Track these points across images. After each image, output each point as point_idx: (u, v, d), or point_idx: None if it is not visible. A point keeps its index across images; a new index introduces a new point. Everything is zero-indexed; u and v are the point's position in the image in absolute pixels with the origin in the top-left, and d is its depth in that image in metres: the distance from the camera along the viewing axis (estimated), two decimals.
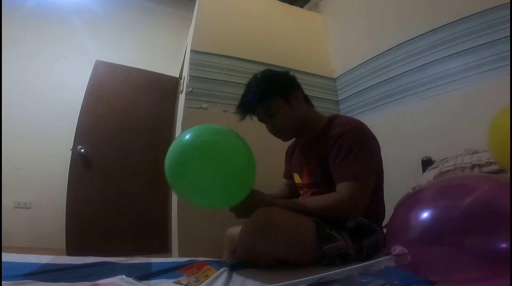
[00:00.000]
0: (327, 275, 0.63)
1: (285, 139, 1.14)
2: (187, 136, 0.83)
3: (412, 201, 0.67)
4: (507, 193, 0.55)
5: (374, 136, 1.03)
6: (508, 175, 0.81)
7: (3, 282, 0.62)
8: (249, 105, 1.06)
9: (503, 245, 0.49)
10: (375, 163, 0.97)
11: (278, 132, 1.09)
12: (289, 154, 1.30)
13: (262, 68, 1.11)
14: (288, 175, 1.31)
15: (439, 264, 0.54)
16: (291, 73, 1.13)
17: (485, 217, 0.52)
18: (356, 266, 0.63)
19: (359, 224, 0.92)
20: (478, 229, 0.52)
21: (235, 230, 1.09)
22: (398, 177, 1.15)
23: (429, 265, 0.56)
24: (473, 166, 1.09)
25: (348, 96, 2.16)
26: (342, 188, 0.91)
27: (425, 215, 0.58)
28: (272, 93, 1.04)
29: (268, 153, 1.80)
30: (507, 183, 0.58)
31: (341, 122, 1.03)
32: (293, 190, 1.26)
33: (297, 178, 1.19)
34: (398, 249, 0.58)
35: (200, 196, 0.84)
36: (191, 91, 1.83)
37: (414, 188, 1.20)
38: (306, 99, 1.13)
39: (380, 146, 1.04)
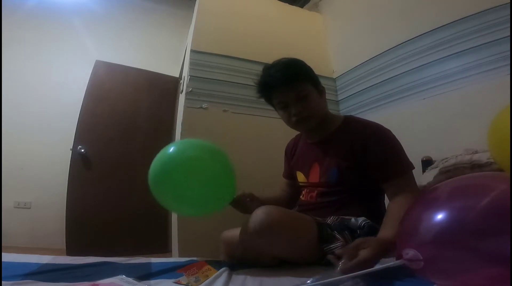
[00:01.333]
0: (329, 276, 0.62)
1: (306, 127, 1.08)
2: (171, 150, 0.92)
3: (425, 202, 0.63)
4: None
5: None
6: (508, 175, 0.81)
7: (3, 282, 0.62)
8: (279, 82, 1.00)
9: None
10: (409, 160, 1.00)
11: (305, 117, 1.02)
12: (289, 153, 1.28)
13: (262, 68, 1.10)
14: (289, 175, 1.29)
15: (453, 268, 0.52)
16: None
17: (504, 218, 0.49)
18: (371, 270, 0.60)
19: (362, 224, 0.92)
20: (496, 231, 0.49)
21: (231, 233, 1.07)
22: None
23: (442, 270, 0.53)
24: (473, 166, 1.09)
25: (348, 96, 2.16)
26: (400, 186, 0.92)
27: (439, 217, 0.55)
28: (307, 76, 1.03)
29: (268, 152, 1.80)
30: None
31: (369, 125, 1.04)
32: (295, 190, 1.24)
33: (300, 177, 1.16)
34: (410, 253, 0.54)
35: (182, 206, 0.94)
36: (191, 91, 1.83)
37: None
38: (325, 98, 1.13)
39: None
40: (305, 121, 1.03)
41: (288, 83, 0.99)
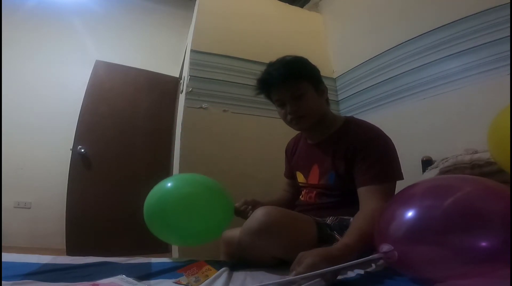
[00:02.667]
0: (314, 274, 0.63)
1: (302, 126, 1.07)
2: (168, 185, 0.99)
3: (399, 201, 0.69)
4: (489, 195, 0.59)
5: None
6: (508, 175, 0.81)
7: (3, 282, 0.62)
8: (277, 79, 1.00)
9: (483, 244, 0.52)
10: (399, 171, 0.97)
11: (301, 116, 1.02)
12: (289, 152, 1.28)
13: (262, 68, 1.10)
14: (290, 174, 1.28)
15: (424, 261, 0.57)
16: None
17: (466, 217, 0.55)
18: (345, 265, 0.63)
19: None
20: (458, 228, 0.55)
21: (231, 233, 1.07)
22: None
23: (415, 263, 0.59)
24: (473, 166, 1.09)
25: (348, 96, 2.16)
26: (372, 193, 0.90)
27: (409, 215, 0.61)
28: (305, 76, 1.01)
29: (268, 152, 1.80)
30: (491, 186, 0.61)
31: (364, 127, 1.03)
32: (297, 189, 1.23)
33: (300, 177, 1.16)
34: (385, 247, 0.60)
35: (181, 240, 1.04)
36: (191, 91, 1.83)
37: None
38: (327, 98, 1.12)
39: None
40: (299, 119, 1.03)
41: (285, 82, 0.99)
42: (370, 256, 0.63)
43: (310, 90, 1.02)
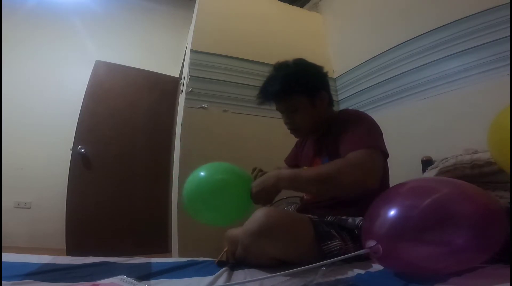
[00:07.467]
0: (310, 267, 0.64)
1: (298, 136, 1.16)
2: (203, 174, 1.01)
3: (384, 201, 0.74)
4: (462, 198, 0.65)
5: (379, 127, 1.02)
6: (508, 175, 0.81)
7: (3, 282, 0.62)
8: (271, 96, 1.03)
9: (453, 240, 0.60)
10: (382, 144, 0.94)
11: (294, 129, 1.08)
12: (299, 145, 1.31)
13: (262, 68, 1.11)
14: (290, 162, 1.33)
15: (406, 256, 0.63)
16: (324, 70, 1.10)
17: (439, 217, 0.61)
18: (335, 259, 0.66)
19: (360, 224, 0.92)
20: (433, 226, 0.61)
21: (235, 232, 1.08)
22: (398, 177, 1.15)
23: (398, 257, 0.64)
24: (473, 166, 1.09)
25: (348, 96, 2.16)
26: (349, 154, 0.86)
27: (391, 213, 0.67)
28: (299, 90, 1.01)
29: (268, 152, 1.80)
30: (466, 190, 0.67)
31: (347, 112, 1.07)
32: None
33: None
34: (371, 243, 0.64)
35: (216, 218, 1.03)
36: (191, 91, 1.83)
37: None
38: (330, 99, 1.10)
39: None
40: (293, 131, 1.10)
41: (281, 97, 1.03)
42: (358, 252, 0.66)
43: (304, 104, 1.03)
